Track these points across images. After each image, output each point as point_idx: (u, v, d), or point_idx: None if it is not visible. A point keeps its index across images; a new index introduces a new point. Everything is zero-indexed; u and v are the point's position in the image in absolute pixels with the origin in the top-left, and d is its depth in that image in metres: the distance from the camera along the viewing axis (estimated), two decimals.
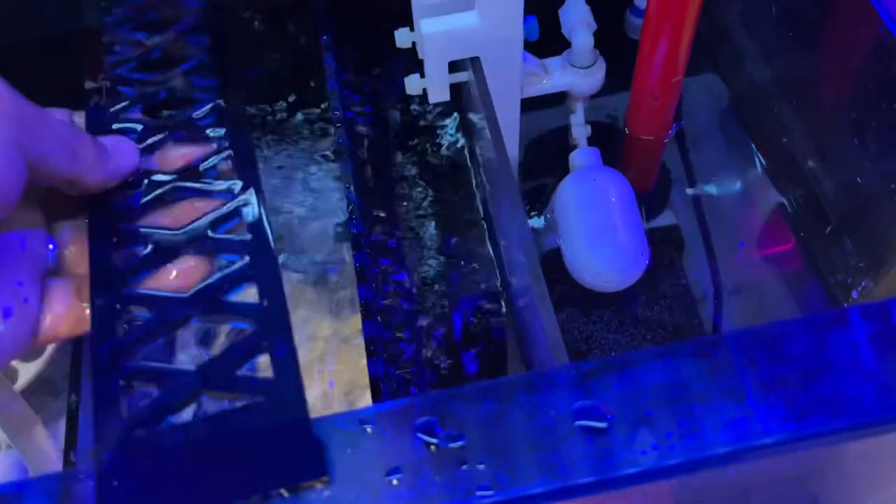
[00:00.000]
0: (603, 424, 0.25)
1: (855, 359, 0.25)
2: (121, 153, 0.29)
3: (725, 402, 0.25)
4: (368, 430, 0.25)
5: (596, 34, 0.51)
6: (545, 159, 0.60)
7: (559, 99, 0.56)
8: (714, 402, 0.25)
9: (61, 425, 0.48)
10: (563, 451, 0.24)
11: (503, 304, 0.50)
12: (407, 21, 0.48)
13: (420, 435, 0.25)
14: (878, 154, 0.42)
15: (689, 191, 0.58)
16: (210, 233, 0.29)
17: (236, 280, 0.28)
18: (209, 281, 0.28)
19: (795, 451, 0.25)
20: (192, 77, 0.34)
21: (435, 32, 0.43)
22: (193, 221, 0.29)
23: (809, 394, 0.25)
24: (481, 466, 0.24)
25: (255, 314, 0.27)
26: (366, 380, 0.42)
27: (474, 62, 0.45)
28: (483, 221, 0.54)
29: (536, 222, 0.57)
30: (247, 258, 0.28)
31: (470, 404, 0.25)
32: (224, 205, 0.30)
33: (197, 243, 0.29)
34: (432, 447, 0.24)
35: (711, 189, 0.58)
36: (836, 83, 0.46)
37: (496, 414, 0.25)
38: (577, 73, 0.51)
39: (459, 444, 0.25)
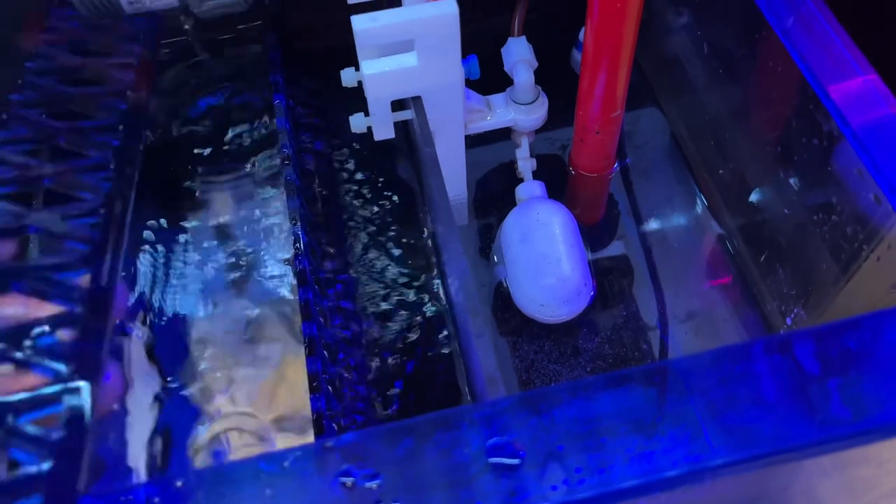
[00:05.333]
0: (515, 461, 0.25)
1: (759, 391, 0.26)
2: None
3: (634, 436, 0.26)
4: (288, 471, 0.26)
5: (543, 71, 0.52)
6: (498, 194, 0.61)
7: (510, 133, 0.57)
8: (623, 435, 0.26)
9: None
10: (475, 488, 0.25)
11: (451, 338, 0.51)
12: (355, 60, 0.49)
13: (339, 476, 0.25)
14: (801, 186, 0.43)
15: (639, 227, 0.59)
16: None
17: None
18: None
19: (701, 481, 0.25)
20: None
21: (375, 74, 0.44)
22: None
23: (717, 425, 0.26)
24: None
25: None
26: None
27: (416, 101, 0.46)
28: (433, 256, 0.55)
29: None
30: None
31: (389, 443, 0.26)
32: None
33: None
34: (349, 485, 0.25)
35: (657, 222, 0.60)
36: (762, 119, 0.47)
37: (413, 452, 0.26)
38: (519, 110, 0.52)
39: (376, 482, 0.25)
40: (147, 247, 0.57)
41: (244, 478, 0.26)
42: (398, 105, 0.48)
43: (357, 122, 0.48)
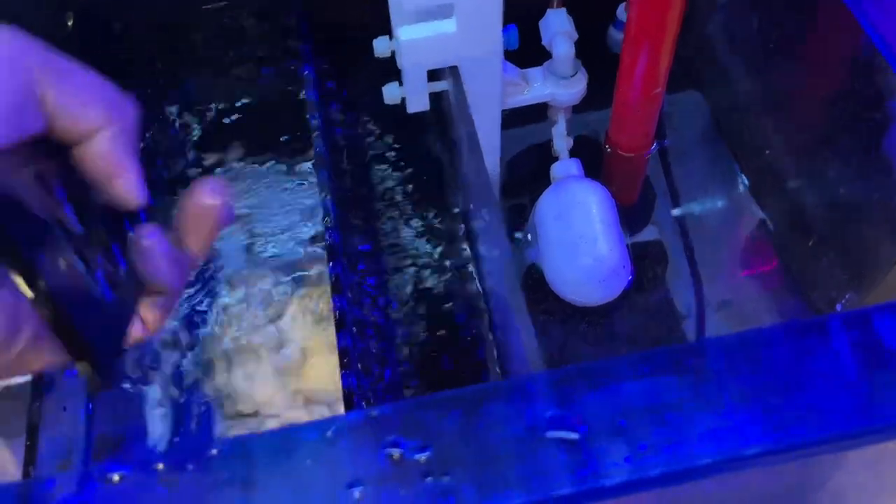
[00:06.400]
0: (575, 435, 0.24)
1: (836, 368, 0.24)
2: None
3: (702, 412, 0.24)
4: (330, 441, 0.24)
5: (579, 50, 0.50)
6: (527, 175, 0.60)
7: (542, 115, 0.55)
8: (691, 411, 0.24)
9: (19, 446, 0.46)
10: (533, 464, 0.23)
11: (482, 315, 0.49)
12: (385, 31, 0.47)
13: (385, 448, 0.24)
14: (859, 166, 0.41)
15: (675, 211, 0.57)
16: None
17: None
18: None
19: (773, 463, 0.24)
20: None
21: (413, 40, 0.42)
22: None
23: (789, 404, 0.24)
24: (446, 479, 0.23)
25: None
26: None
27: (453, 71, 0.44)
28: (463, 231, 0.53)
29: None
30: None
31: (437, 414, 0.24)
32: None
33: None
34: (396, 457, 0.23)
35: (694, 206, 0.58)
36: (818, 94, 0.45)
37: (463, 424, 0.24)
38: (558, 84, 0.50)
39: (425, 455, 0.24)
40: None
41: (283, 447, 0.24)
42: (431, 77, 0.46)
43: (390, 93, 0.47)
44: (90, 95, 0.23)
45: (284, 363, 0.52)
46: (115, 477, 0.23)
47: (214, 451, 0.24)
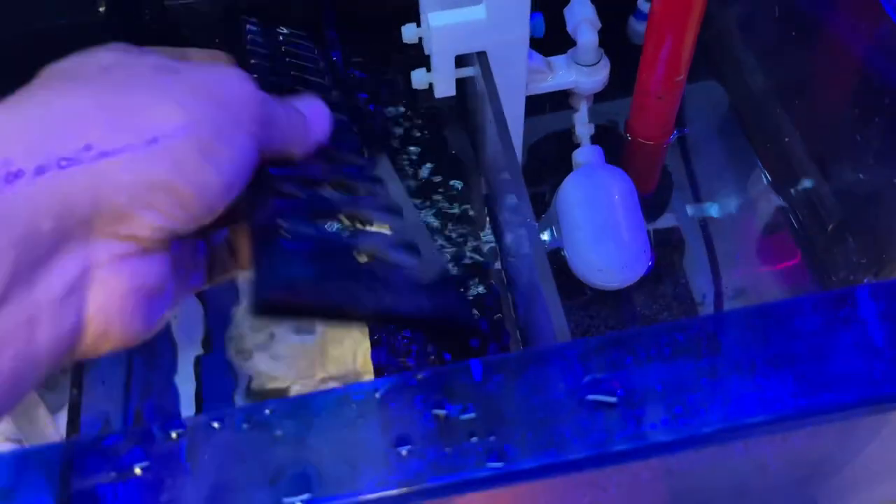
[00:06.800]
0: (613, 399, 0.25)
1: (863, 336, 0.25)
2: (315, 117, 0.30)
3: (734, 378, 0.25)
4: (378, 401, 0.25)
5: (599, 40, 0.51)
6: (547, 164, 0.60)
7: (561, 104, 0.56)
8: (723, 376, 0.25)
9: (60, 420, 0.47)
10: (571, 425, 0.24)
11: (507, 297, 0.50)
12: (411, 18, 0.48)
13: (430, 408, 0.25)
14: (880, 149, 0.42)
15: (692, 200, 0.58)
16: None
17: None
18: None
19: (803, 427, 0.25)
20: None
21: (442, 26, 0.43)
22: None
23: (818, 370, 0.25)
24: (492, 438, 0.24)
25: None
26: (370, 367, 0.42)
27: (481, 57, 0.45)
28: (486, 216, 0.54)
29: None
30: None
31: (480, 378, 0.25)
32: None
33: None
34: (441, 417, 0.24)
35: (712, 195, 0.59)
36: (840, 80, 0.46)
37: (505, 388, 0.25)
38: (581, 71, 0.51)
39: (469, 416, 0.25)
40: None
41: (333, 407, 0.25)
42: (457, 63, 0.47)
43: (419, 78, 0.48)
44: (291, 138, 0.28)
45: (308, 346, 0.53)
46: (174, 434, 0.24)
47: (268, 411, 0.25)
